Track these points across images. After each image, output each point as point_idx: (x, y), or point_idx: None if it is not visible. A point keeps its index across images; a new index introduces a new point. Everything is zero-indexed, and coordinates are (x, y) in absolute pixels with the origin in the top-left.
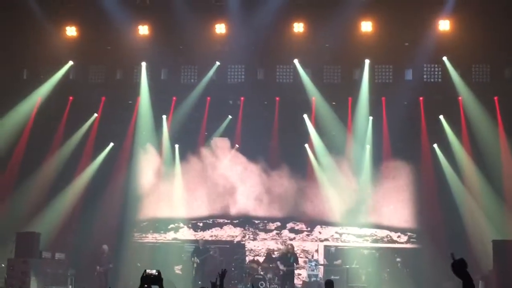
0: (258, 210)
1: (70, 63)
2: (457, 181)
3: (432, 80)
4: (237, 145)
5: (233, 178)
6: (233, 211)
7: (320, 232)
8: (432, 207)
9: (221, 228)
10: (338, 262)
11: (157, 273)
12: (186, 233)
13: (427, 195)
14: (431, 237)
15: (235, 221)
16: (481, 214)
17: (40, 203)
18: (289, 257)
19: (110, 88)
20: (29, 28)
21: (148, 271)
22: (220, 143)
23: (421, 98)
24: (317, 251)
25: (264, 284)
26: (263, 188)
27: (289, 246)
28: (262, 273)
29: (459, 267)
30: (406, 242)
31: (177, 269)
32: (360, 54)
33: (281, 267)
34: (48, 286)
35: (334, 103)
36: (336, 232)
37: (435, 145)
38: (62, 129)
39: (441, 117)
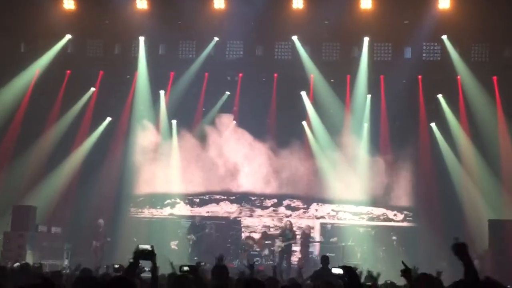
0: (255, 186)
1: (68, 36)
2: (454, 160)
3: (431, 58)
4: (234, 121)
5: (230, 154)
6: (230, 187)
7: (316, 210)
8: (429, 186)
9: (218, 204)
10: (334, 239)
11: (151, 248)
12: (182, 209)
13: (424, 174)
14: (427, 216)
15: (231, 198)
16: (478, 194)
17: (37, 176)
18: (287, 234)
19: (108, 62)
20: (27, 1)
21: (141, 246)
22: (222, 119)
23: (419, 77)
24: (313, 228)
25: (259, 261)
26: (260, 164)
27: (288, 222)
28: (257, 249)
29: (459, 251)
30: (402, 221)
31: (173, 245)
32: (359, 32)
33: (279, 243)
34: (44, 260)
35: (332, 80)
36: (333, 210)
37: (433, 124)
38: (60, 103)
39: (439, 96)
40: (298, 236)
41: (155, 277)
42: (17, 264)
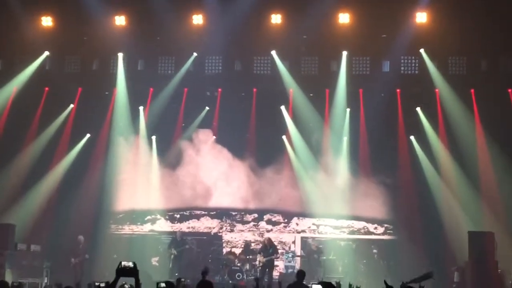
0: (235, 201)
1: (46, 53)
2: (433, 173)
3: (409, 72)
4: (214, 136)
5: (210, 170)
6: (210, 203)
7: (297, 224)
8: (409, 198)
9: (198, 219)
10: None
11: (133, 265)
12: (163, 225)
13: (404, 186)
14: (408, 229)
15: (212, 213)
16: (457, 206)
17: (16, 194)
18: (268, 249)
19: (86, 79)
20: (5, 18)
21: (124, 263)
22: (200, 134)
23: (398, 90)
24: (294, 242)
25: (241, 276)
26: (240, 179)
27: (266, 240)
28: (239, 264)
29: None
30: (383, 234)
31: (154, 261)
32: (337, 46)
33: (261, 258)
34: (23, 278)
35: (311, 94)
36: (313, 224)
37: (412, 137)
38: (38, 120)
39: (418, 109)
40: (298, 253)
41: None
42: None
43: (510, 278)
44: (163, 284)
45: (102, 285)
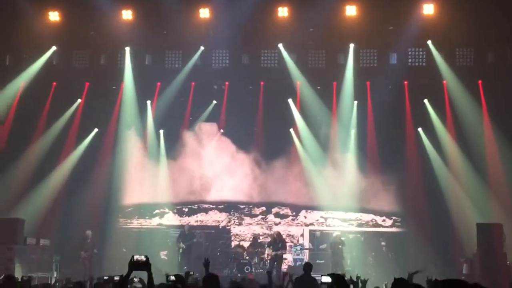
0: (243, 195)
1: (54, 48)
2: (441, 164)
3: (416, 64)
4: (221, 130)
5: (218, 163)
6: (219, 196)
7: (305, 217)
8: (417, 191)
9: (206, 213)
10: (323, 246)
11: (145, 259)
12: (171, 219)
13: (411, 179)
14: (416, 221)
15: (220, 206)
16: (465, 198)
17: (24, 189)
18: (277, 243)
19: (94, 73)
20: (12, 13)
21: (136, 256)
22: (205, 128)
23: (405, 82)
24: (302, 235)
25: (249, 269)
26: (248, 173)
27: (275, 233)
28: (247, 257)
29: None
30: (391, 226)
31: (163, 255)
32: (344, 39)
33: (269, 251)
34: (33, 272)
35: (319, 87)
36: (321, 217)
37: (419, 129)
38: (46, 115)
39: (425, 101)
40: (306, 246)
41: (151, 287)
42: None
43: None
44: (172, 277)
45: (117, 278)
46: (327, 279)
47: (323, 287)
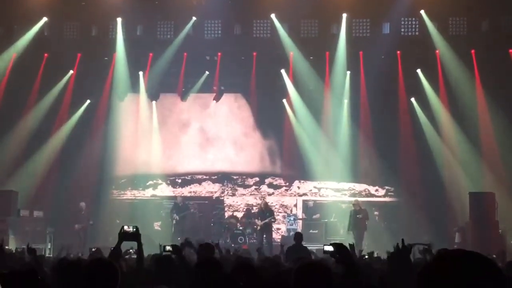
0: (237, 165)
1: (45, 19)
2: (434, 134)
3: (409, 33)
4: (214, 101)
5: (211, 134)
6: (212, 167)
7: (298, 187)
8: (410, 161)
9: (200, 184)
10: (317, 216)
11: (135, 229)
12: (164, 190)
13: (404, 149)
14: (409, 191)
15: (213, 177)
16: (458, 167)
17: (17, 161)
18: (265, 213)
19: (85, 44)
20: None
21: (125, 227)
22: (198, 99)
23: (398, 52)
24: (295, 205)
25: (243, 239)
26: (241, 143)
27: (262, 203)
28: (241, 228)
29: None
30: (384, 196)
31: (156, 226)
32: (337, 8)
33: (258, 222)
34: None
35: (311, 57)
36: (315, 187)
37: (412, 99)
38: (38, 86)
39: (418, 70)
40: (280, 214)
41: (141, 258)
42: None
43: (511, 238)
44: (169, 247)
45: (94, 249)
46: (329, 249)
47: (325, 256)
